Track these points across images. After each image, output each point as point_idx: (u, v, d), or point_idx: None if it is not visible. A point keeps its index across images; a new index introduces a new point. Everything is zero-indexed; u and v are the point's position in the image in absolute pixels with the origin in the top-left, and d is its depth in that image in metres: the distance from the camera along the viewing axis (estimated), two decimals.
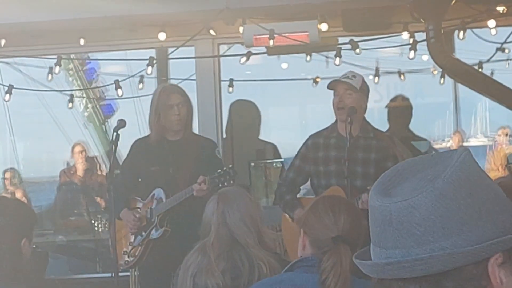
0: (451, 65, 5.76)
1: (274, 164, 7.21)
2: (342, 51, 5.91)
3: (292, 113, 9.85)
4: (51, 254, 5.85)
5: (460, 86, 8.61)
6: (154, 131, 4.62)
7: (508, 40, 6.29)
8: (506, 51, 7.04)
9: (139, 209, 4.63)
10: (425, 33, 5.46)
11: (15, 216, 2.74)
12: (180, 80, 6.96)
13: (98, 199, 7.31)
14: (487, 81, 6.13)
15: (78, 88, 8.54)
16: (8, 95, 5.95)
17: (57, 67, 6.09)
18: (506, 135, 7.95)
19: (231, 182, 4.29)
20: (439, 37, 5.34)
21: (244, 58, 6.13)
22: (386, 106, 6.48)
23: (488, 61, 6.90)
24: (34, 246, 4.96)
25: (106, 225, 6.49)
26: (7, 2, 5.34)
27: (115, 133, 4.46)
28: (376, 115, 7.04)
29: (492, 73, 7.24)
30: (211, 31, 5.78)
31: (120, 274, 4.44)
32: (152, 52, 6.41)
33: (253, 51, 5.95)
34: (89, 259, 4.92)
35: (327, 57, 7.18)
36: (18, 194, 7.34)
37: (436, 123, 9.86)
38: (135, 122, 7.41)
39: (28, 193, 7.70)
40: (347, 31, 5.77)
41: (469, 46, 6.47)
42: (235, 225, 2.98)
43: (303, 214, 2.77)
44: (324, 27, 5.53)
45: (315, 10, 5.51)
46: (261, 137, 6.94)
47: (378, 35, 5.81)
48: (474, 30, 6.03)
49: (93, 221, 6.79)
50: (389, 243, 1.05)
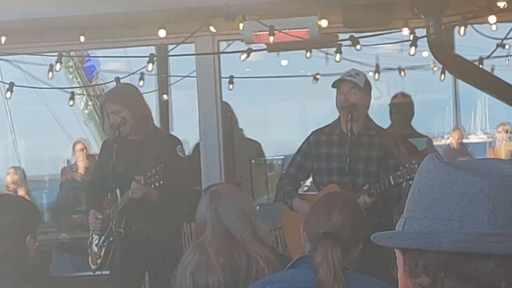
0: (451, 61, 5.76)
1: (275, 162, 7.22)
2: (342, 48, 5.90)
3: (292, 110, 9.86)
4: (54, 252, 5.85)
5: (460, 83, 8.62)
6: (110, 133, 4.62)
7: (508, 36, 6.28)
8: (507, 47, 7.04)
9: (106, 209, 4.61)
10: (425, 29, 5.46)
11: (20, 213, 2.74)
12: (180, 77, 6.99)
13: None
14: (488, 77, 6.12)
15: (78, 85, 8.53)
16: (9, 92, 5.94)
17: (58, 64, 6.09)
18: (506, 131, 7.96)
19: (160, 182, 4.24)
20: (440, 33, 5.34)
21: (244, 55, 6.13)
22: (389, 104, 6.47)
23: (488, 57, 6.89)
24: (37, 244, 4.97)
25: None
26: None
27: (117, 131, 4.47)
28: (376, 111, 7.03)
29: (492, 69, 7.24)
30: (211, 28, 5.77)
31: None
32: (152, 49, 6.41)
33: (253, 48, 5.95)
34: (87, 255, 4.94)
35: (327, 53, 7.18)
36: (21, 192, 7.34)
37: (436, 120, 9.88)
38: None
39: (30, 191, 7.71)
40: (347, 27, 5.77)
41: (469, 42, 6.47)
42: (230, 221, 2.99)
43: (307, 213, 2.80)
44: (324, 23, 5.52)
45: (315, 6, 5.50)
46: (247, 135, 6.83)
47: (378, 31, 5.80)
48: (475, 26, 6.02)
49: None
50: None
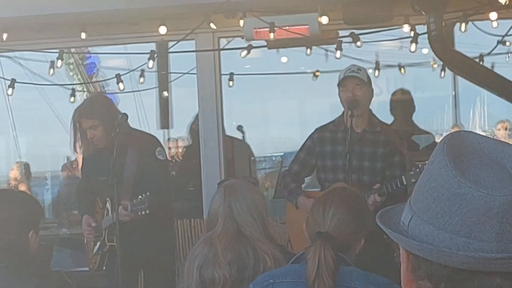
0: (452, 58, 5.76)
1: (274, 158, 7.23)
2: (342, 44, 5.90)
3: (292, 107, 9.86)
4: (55, 247, 5.86)
5: (460, 80, 8.61)
6: (86, 146, 4.59)
7: (509, 33, 6.29)
8: (507, 44, 7.04)
9: (98, 214, 4.59)
10: (426, 26, 5.46)
11: (22, 209, 2.75)
12: (181, 74, 6.99)
13: None
14: (488, 74, 6.12)
15: (78, 82, 8.53)
16: (11, 89, 5.94)
17: (59, 61, 6.09)
18: (506, 129, 7.95)
19: (146, 211, 4.16)
20: (440, 30, 5.34)
21: (244, 52, 6.13)
22: (390, 100, 6.48)
23: (489, 54, 6.90)
24: (38, 240, 4.98)
25: None
26: None
27: (117, 128, 4.46)
28: (376, 108, 7.03)
29: (492, 66, 7.24)
30: (212, 25, 5.77)
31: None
32: (153, 46, 6.41)
33: (254, 45, 5.95)
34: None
35: (327, 50, 7.18)
36: (22, 188, 7.35)
37: (435, 117, 9.87)
38: (136, 116, 7.42)
39: (31, 187, 7.72)
40: (348, 24, 5.76)
41: (470, 39, 6.47)
42: (242, 217, 2.99)
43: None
44: (324, 20, 5.52)
45: (316, 3, 5.50)
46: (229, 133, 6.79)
47: (378, 28, 5.80)
48: (475, 22, 6.02)
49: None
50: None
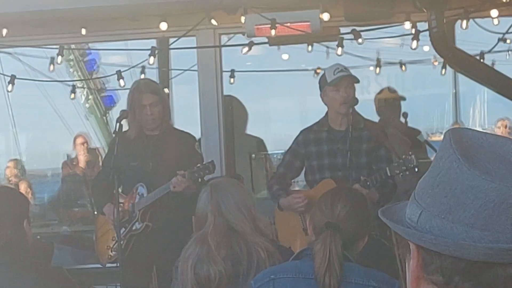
0: (453, 55, 5.75)
1: (275, 156, 7.21)
2: (344, 41, 5.89)
3: (294, 104, 9.85)
4: (56, 245, 5.85)
5: (460, 78, 8.61)
6: (132, 127, 4.66)
7: (510, 31, 6.27)
8: (508, 41, 7.03)
9: (121, 204, 4.62)
10: (427, 23, 5.45)
11: (12, 201, 2.85)
12: (181, 71, 6.98)
13: None
14: (489, 72, 6.12)
15: (78, 79, 8.52)
16: (10, 85, 5.93)
17: (59, 57, 6.08)
18: (506, 127, 7.95)
19: (204, 178, 4.31)
20: (441, 27, 5.33)
21: (245, 49, 6.12)
22: (375, 99, 6.40)
23: (490, 51, 6.88)
24: (39, 237, 4.99)
25: None
26: None
27: (117, 124, 4.47)
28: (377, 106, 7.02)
29: (493, 64, 7.23)
30: (213, 21, 5.77)
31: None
32: (153, 43, 6.40)
33: (255, 41, 5.94)
34: (93, 250, 4.94)
35: (328, 47, 7.17)
36: (22, 186, 7.35)
37: (435, 115, 9.87)
38: None
39: (31, 184, 7.71)
40: (349, 21, 5.76)
41: (471, 36, 6.46)
42: (231, 213, 3.01)
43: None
44: (326, 16, 5.52)
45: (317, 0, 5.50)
46: (248, 132, 6.83)
47: (380, 25, 5.79)
48: (476, 20, 6.01)
49: (96, 212, 6.79)
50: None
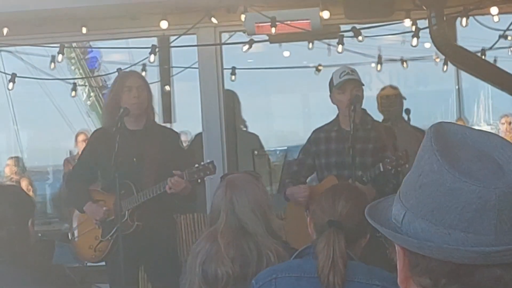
0: (453, 53, 5.75)
1: (278, 153, 7.23)
2: (344, 39, 5.90)
3: (294, 101, 9.85)
4: (57, 242, 5.87)
5: (463, 74, 8.61)
6: (109, 118, 4.39)
7: (510, 27, 6.27)
8: (509, 38, 7.02)
9: (103, 201, 4.47)
10: (427, 20, 5.45)
11: (19, 200, 2.84)
12: (182, 68, 6.99)
13: None
14: (490, 68, 6.11)
15: (80, 77, 8.54)
16: (11, 83, 5.95)
17: (60, 55, 6.09)
18: (510, 123, 7.94)
19: (212, 177, 4.21)
20: (442, 24, 5.33)
21: (246, 46, 6.12)
22: (377, 96, 6.41)
23: (490, 48, 6.88)
24: (40, 235, 5.00)
25: None
26: None
27: (119, 121, 4.44)
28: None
29: (495, 60, 7.23)
30: (213, 19, 5.77)
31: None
32: (154, 41, 6.40)
33: (255, 39, 5.95)
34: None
35: (329, 44, 7.17)
36: (23, 183, 7.36)
37: (438, 111, 9.86)
38: None
39: (33, 181, 7.72)
40: (349, 18, 5.76)
41: (471, 33, 6.46)
42: (244, 213, 2.95)
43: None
44: (326, 14, 5.52)
45: None
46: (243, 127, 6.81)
47: (380, 22, 5.79)
48: (477, 17, 6.01)
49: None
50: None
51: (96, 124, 8.97)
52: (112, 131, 4.29)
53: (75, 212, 4.74)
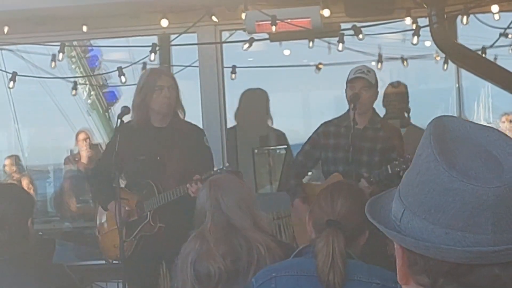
0: (454, 51, 5.76)
1: (278, 151, 7.22)
2: (344, 37, 5.90)
3: (295, 100, 9.84)
4: (57, 241, 5.87)
5: (463, 72, 8.59)
6: (138, 115, 4.37)
7: (511, 26, 6.27)
8: (510, 36, 7.02)
9: (126, 200, 4.43)
10: (428, 19, 5.45)
11: (18, 199, 2.86)
12: (183, 67, 6.98)
13: None
14: (491, 67, 6.12)
15: (80, 75, 8.53)
16: (12, 82, 5.96)
17: (61, 54, 6.10)
18: (510, 121, 7.94)
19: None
20: (442, 23, 5.34)
21: (246, 45, 6.13)
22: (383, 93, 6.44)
23: (491, 46, 6.88)
24: (40, 233, 5.00)
25: None
26: None
27: (119, 120, 4.44)
28: (379, 101, 7.02)
29: (495, 59, 7.22)
30: (213, 18, 5.78)
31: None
32: (155, 39, 6.40)
33: (256, 38, 5.95)
34: (95, 246, 4.91)
35: (329, 43, 7.17)
36: (24, 182, 7.35)
37: (439, 110, 9.84)
38: None
39: (33, 180, 7.72)
40: (350, 16, 5.77)
41: (472, 32, 6.46)
42: (230, 209, 2.99)
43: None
44: (326, 13, 5.52)
45: None
46: (269, 123, 6.90)
47: (380, 20, 5.80)
48: (477, 15, 6.01)
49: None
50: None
51: (97, 122, 8.97)
52: (140, 127, 4.31)
53: (100, 209, 4.70)
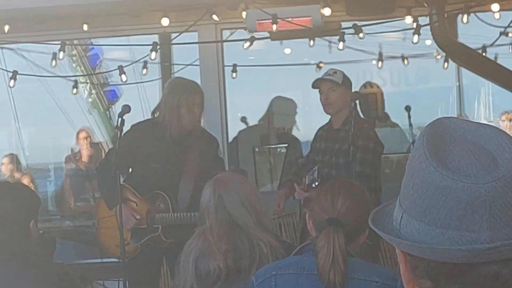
0: (454, 49, 5.76)
1: (278, 150, 7.22)
2: (345, 36, 5.90)
3: (296, 98, 9.84)
4: (58, 239, 5.88)
5: (464, 71, 8.59)
6: (171, 127, 4.38)
7: (511, 24, 6.27)
8: (510, 35, 7.02)
9: (135, 204, 4.42)
10: (428, 17, 5.45)
11: (22, 200, 2.81)
12: (183, 66, 6.99)
13: None
14: (491, 65, 6.12)
15: (81, 74, 8.54)
16: (12, 81, 5.96)
17: (61, 52, 6.11)
18: (510, 120, 7.94)
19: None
20: (443, 21, 5.34)
21: (247, 43, 6.13)
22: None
23: (491, 45, 6.88)
24: (41, 232, 5.01)
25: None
26: None
27: (120, 119, 4.43)
28: (379, 99, 7.03)
29: (495, 57, 7.23)
30: (214, 16, 5.78)
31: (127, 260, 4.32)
32: (155, 38, 6.41)
33: (256, 36, 5.95)
34: (96, 244, 4.89)
35: (330, 42, 7.18)
36: (25, 180, 7.35)
37: (439, 108, 9.84)
38: (139, 107, 7.43)
39: (34, 179, 7.73)
40: (350, 15, 5.76)
41: (472, 30, 6.46)
42: (234, 208, 2.98)
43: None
44: (327, 11, 5.52)
45: None
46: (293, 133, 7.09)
47: (381, 19, 5.80)
48: (478, 14, 6.01)
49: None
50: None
51: (98, 121, 8.98)
52: (158, 133, 4.33)
53: (103, 203, 4.62)
